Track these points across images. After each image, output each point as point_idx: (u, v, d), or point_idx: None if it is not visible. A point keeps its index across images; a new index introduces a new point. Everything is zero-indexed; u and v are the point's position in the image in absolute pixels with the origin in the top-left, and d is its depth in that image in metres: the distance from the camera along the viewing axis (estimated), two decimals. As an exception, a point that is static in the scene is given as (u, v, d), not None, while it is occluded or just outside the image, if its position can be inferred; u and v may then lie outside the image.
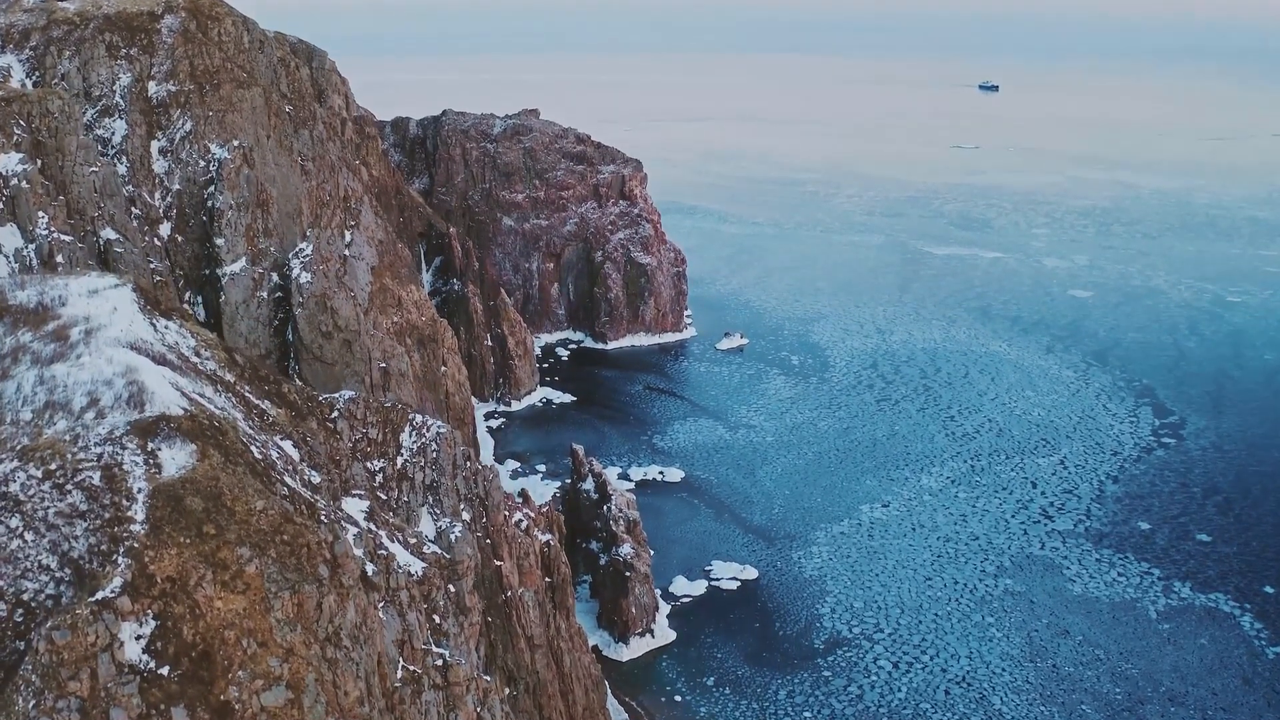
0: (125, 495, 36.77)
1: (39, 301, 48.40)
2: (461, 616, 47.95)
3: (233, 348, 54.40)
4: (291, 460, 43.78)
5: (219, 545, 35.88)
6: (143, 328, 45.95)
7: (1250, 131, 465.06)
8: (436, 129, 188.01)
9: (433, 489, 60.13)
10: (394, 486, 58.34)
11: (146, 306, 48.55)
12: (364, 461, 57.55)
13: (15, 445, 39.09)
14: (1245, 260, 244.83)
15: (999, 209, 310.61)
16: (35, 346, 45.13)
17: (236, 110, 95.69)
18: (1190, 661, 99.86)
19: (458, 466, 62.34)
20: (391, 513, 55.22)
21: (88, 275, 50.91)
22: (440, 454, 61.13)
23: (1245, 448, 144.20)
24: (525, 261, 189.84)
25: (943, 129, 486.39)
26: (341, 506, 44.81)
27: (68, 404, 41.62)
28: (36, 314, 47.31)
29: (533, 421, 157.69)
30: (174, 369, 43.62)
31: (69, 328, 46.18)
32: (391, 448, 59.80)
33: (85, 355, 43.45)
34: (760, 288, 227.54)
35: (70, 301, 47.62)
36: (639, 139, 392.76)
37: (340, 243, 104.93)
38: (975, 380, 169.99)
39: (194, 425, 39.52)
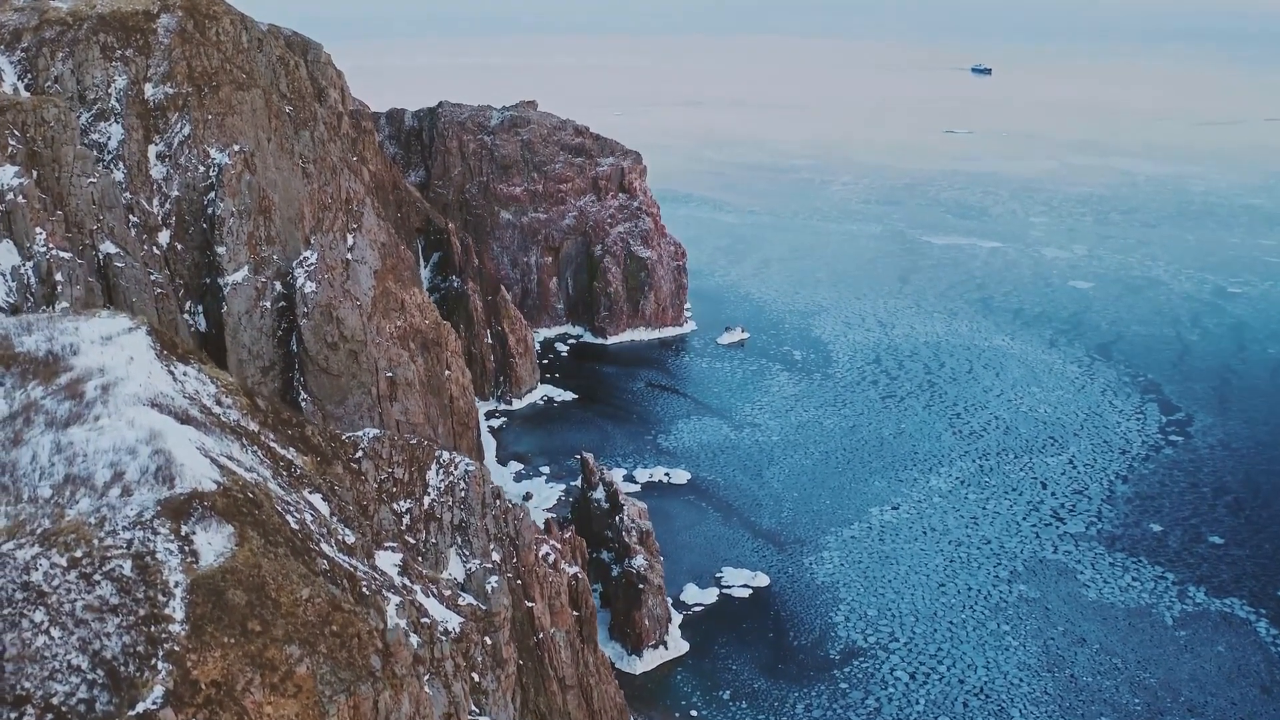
0: (161, 589, 34.15)
1: (49, 350, 45.78)
2: (498, 669, 46.42)
3: (256, 391, 52.33)
4: (324, 520, 41.87)
5: (266, 644, 33.70)
6: (162, 379, 43.64)
7: (1243, 116, 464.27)
8: (433, 121, 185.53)
9: (461, 529, 58.42)
10: (421, 528, 56.60)
11: (163, 352, 46.25)
12: (390, 503, 55.75)
13: (36, 529, 36.40)
14: (1244, 250, 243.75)
15: (995, 197, 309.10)
16: (48, 405, 42.43)
17: (236, 113, 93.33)
18: (1208, 670, 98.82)
19: (487, 505, 60.63)
20: (420, 557, 53.51)
21: (98, 317, 48.33)
22: (469, 493, 59.40)
23: (1253, 446, 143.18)
24: (524, 255, 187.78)
25: (935, 113, 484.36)
26: (376, 563, 43.06)
27: (89, 478, 38.90)
28: (47, 364, 44.73)
29: (534, 420, 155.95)
30: (198, 426, 41.43)
31: (83, 382, 43.57)
32: (418, 487, 58.01)
33: (104, 417, 41.01)
34: (759, 279, 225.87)
35: (82, 350, 45.08)
36: (632, 125, 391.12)
37: (342, 247, 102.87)
38: (980, 376, 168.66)
39: (229, 502, 37.18)
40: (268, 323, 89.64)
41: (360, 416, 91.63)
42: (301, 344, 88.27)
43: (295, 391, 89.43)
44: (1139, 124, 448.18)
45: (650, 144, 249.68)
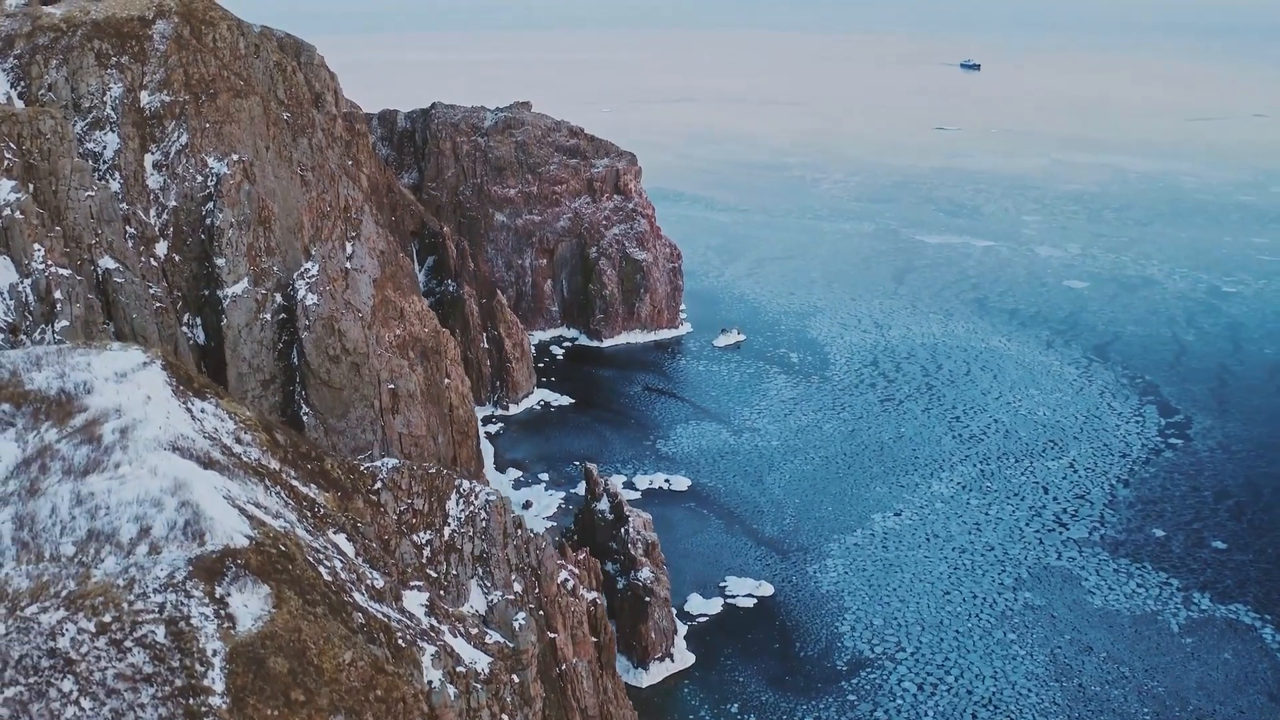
0: (198, 657, 32.62)
1: (61, 388, 44.02)
2: (526, 708, 45.60)
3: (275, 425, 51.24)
4: (352, 564, 40.85)
5: (311, 714, 32.39)
6: (180, 419, 42.35)
7: (1232, 112, 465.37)
8: (425, 122, 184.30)
9: (483, 560, 57.48)
10: (442, 560, 55.64)
11: (180, 388, 44.97)
12: (410, 534, 54.77)
13: (61, 591, 34.57)
14: (1238, 248, 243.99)
15: (988, 195, 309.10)
16: (65, 450, 40.63)
17: (234, 121, 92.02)
18: (1215, 678, 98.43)
19: (508, 535, 59.68)
20: (442, 591, 52.54)
21: (109, 349, 46.78)
22: (490, 523, 58.45)
23: (1253, 449, 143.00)
24: (518, 258, 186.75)
25: (925, 110, 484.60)
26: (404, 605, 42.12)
27: (114, 534, 37.14)
28: (60, 404, 43.04)
29: (531, 426, 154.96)
30: (222, 470, 40.28)
31: (99, 423, 41.83)
32: (438, 517, 57.05)
33: (125, 464, 39.50)
34: (753, 280, 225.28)
35: (96, 388, 43.63)
36: (622, 121, 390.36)
37: (341, 256, 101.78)
38: (978, 378, 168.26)
39: (262, 559, 35.82)
40: (268, 335, 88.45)
41: (363, 430, 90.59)
42: (303, 357, 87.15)
43: (296, 405, 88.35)
44: (1129, 120, 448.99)
45: (640, 141, 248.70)
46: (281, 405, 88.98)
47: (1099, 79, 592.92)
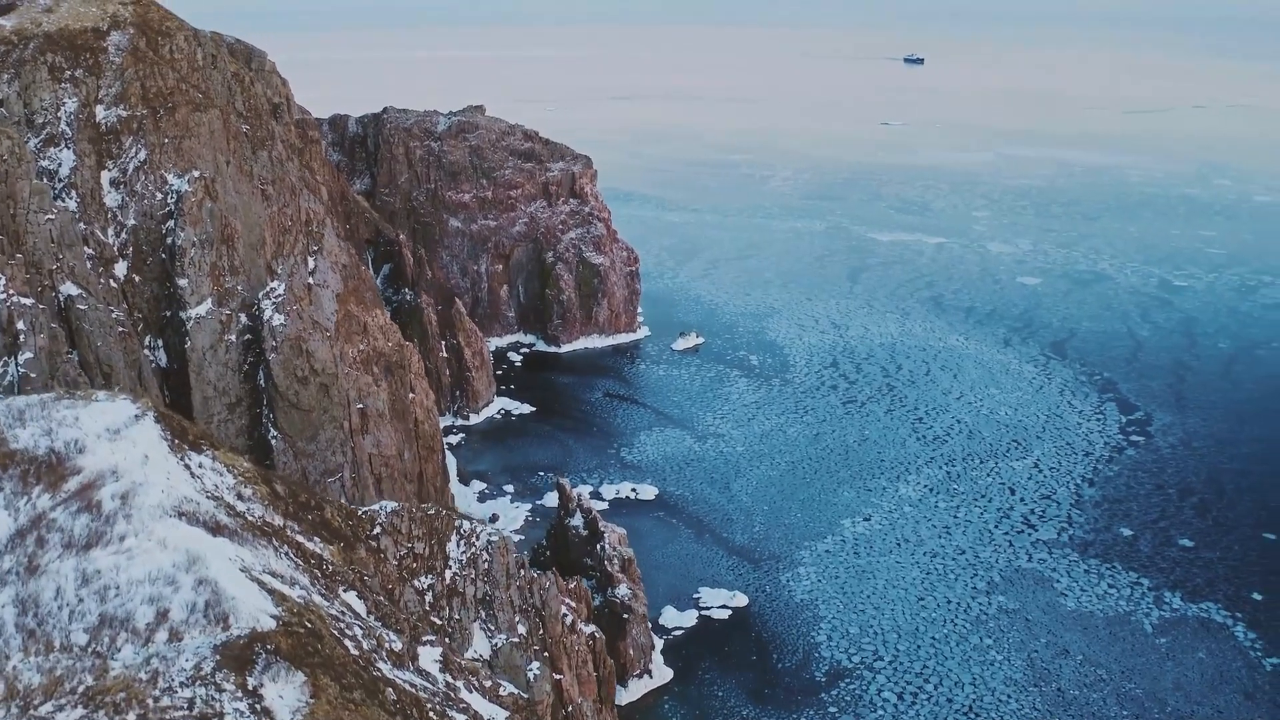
0: None
1: (50, 447, 40.94)
2: (539, 758, 44.21)
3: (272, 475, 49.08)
4: (369, 626, 38.95)
5: None
6: (181, 479, 39.81)
7: (1172, 104, 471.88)
8: (377, 127, 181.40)
9: (486, 603, 55.69)
10: (444, 604, 53.78)
11: (175, 442, 42.52)
12: (411, 580, 52.85)
13: (78, 686, 31.41)
14: (1186, 241, 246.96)
15: (936, 190, 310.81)
16: (62, 520, 37.67)
17: (194, 135, 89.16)
18: (1191, 678, 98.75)
19: (511, 576, 57.95)
20: (447, 638, 50.75)
21: (96, 400, 43.86)
22: (493, 564, 56.69)
23: (1213, 444, 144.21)
24: (474, 264, 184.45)
25: (870, 105, 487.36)
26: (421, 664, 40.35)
27: (129, 619, 34.11)
28: (50, 466, 39.87)
29: (493, 436, 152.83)
30: (231, 535, 37.98)
31: (96, 488, 38.84)
32: (439, 561, 55.15)
33: (130, 536, 36.78)
34: (708, 281, 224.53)
35: (89, 447, 40.62)
36: (567, 120, 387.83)
37: (304, 271, 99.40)
38: (938, 378, 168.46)
39: (293, 642, 33.23)
40: (233, 357, 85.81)
41: (332, 452, 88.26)
42: (270, 379, 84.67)
43: (264, 428, 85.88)
44: (1070, 113, 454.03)
45: (587, 140, 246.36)
46: (248, 428, 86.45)
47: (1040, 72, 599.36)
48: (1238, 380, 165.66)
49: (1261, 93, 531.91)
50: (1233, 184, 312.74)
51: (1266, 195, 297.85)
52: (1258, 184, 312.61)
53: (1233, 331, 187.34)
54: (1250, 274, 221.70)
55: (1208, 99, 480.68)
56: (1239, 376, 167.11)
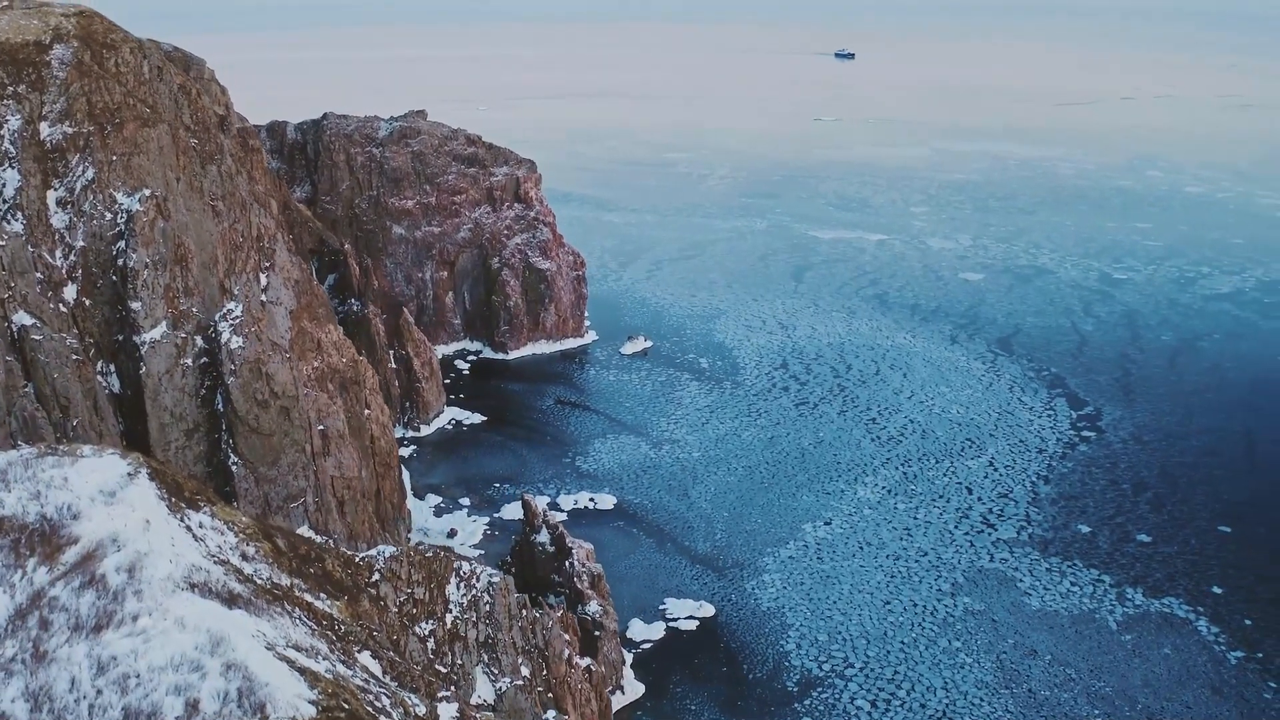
0: None
1: (40, 513, 37.50)
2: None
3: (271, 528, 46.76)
4: (393, 692, 36.98)
5: None
6: (186, 545, 36.94)
7: (1100, 96, 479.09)
8: (317, 134, 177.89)
9: (488, 646, 53.92)
10: (447, 650, 51.84)
11: (173, 501, 39.88)
12: (412, 626, 50.86)
13: None
14: (1123, 234, 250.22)
15: (874, 186, 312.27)
16: (65, 599, 34.40)
17: (142, 152, 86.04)
18: (1159, 674, 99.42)
19: (513, 617, 56.20)
20: (454, 687, 48.86)
21: (83, 456, 40.58)
22: (494, 606, 54.90)
23: (1163, 438, 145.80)
24: (418, 271, 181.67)
25: (803, 101, 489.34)
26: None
27: (156, 713, 30.91)
28: (43, 535, 36.53)
29: (445, 447, 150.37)
30: (246, 605, 35.42)
31: (97, 559, 35.60)
32: (439, 605, 53.19)
33: (144, 615, 33.62)
34: (653, 282, 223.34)
35: (83, 512, 37.36)
36: (499, 121, 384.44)
37: (257, 289, 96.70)
38: (888, 377, 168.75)
39: None
40: (190, 382, 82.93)
41: (294, 476, 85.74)
42: (229, 404, 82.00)
43: (223, 454, 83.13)
44: (1000, 106, 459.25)
45: (521, 141, 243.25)
46: (207, 455, 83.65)
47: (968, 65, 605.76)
48: (1183, 372, 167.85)
49: (1183, 83, 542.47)
50: (1164, 175, 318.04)
51: (1197, 186, 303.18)
52: (1188, 175, 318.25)
53: (1175, 324, 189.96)
54: (1188, 265, 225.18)
55: (1134, 90, 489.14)
56: (1184, 369, 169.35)
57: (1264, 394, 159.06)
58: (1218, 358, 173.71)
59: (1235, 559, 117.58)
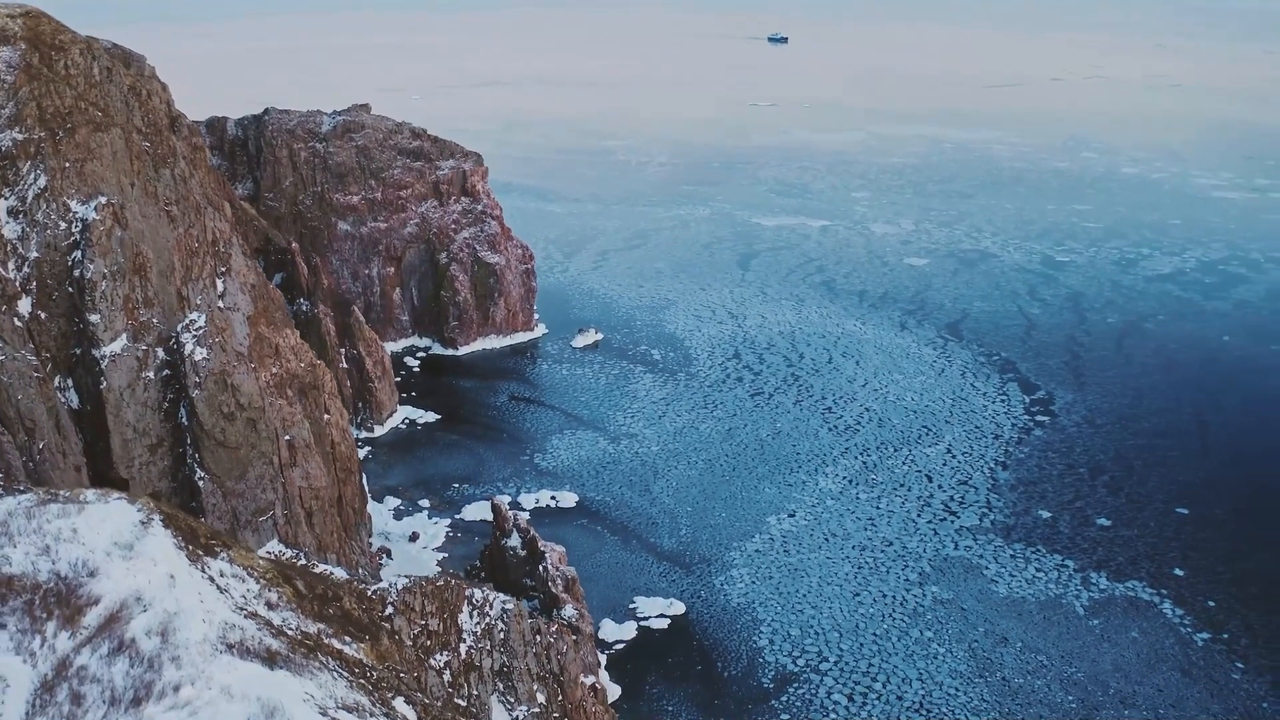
0: None
1: (53, 571, 34.00)
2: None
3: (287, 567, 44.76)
4: None
5: None
6: (214, 600, 34.02)
7: (1028, 78, 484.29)
8: (259, 129, 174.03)
9: (504, 674, 52.52)
10: (463, 681, 50.32)
11: (190, 549, 37.21)
12: (427, 659, 49.23)
13: None
14: (1062, 216, 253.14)
15: (813, 172, 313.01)
16: (95, 668, 31.07)
17: (96, 158, 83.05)
18: (1128, 658, 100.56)
19: (527, 643, 54.84)
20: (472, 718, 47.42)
21: (87, 502, 36.26)
22: (509, 634, 53.47)
23: (1116, 421, 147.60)
24: (364, 268, 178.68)
25: (738, 86, 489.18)
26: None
27: None
28: (60, 595, 33.08)
29: (400, 448, 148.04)
30: (287, 664, 32.83)
31: (123, 621, 32.23)
32: (453, 635, 51.58)
33: (186, 685, 30.53)
34: (600, 273, 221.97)
35: (100, 569, 33.96)
36: (433, 110, 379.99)
37: (213, 295, 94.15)
38: (841, 365, 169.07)
39: None
40: (152, 395, 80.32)
41: (262, 489, 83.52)
42: (194, 417, 79.56)
43: (189, 469, 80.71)
44: (932, 89, 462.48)
45: (456, 130, 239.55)
46: (171, 470, 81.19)
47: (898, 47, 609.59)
48: (1130, 355, 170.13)
49: (1111, 64, 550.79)
50: (1099, 157, 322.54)
51: (1132, 167, 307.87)
52: (1123, 156, 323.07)
53: (1119, 306, 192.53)
54: (1129, 246, 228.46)
55: (1063, 72, 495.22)
56: (1131, 351, 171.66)
57: (1211, 375, 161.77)
58: (1164, 339, 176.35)
59: (1194, 541, 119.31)
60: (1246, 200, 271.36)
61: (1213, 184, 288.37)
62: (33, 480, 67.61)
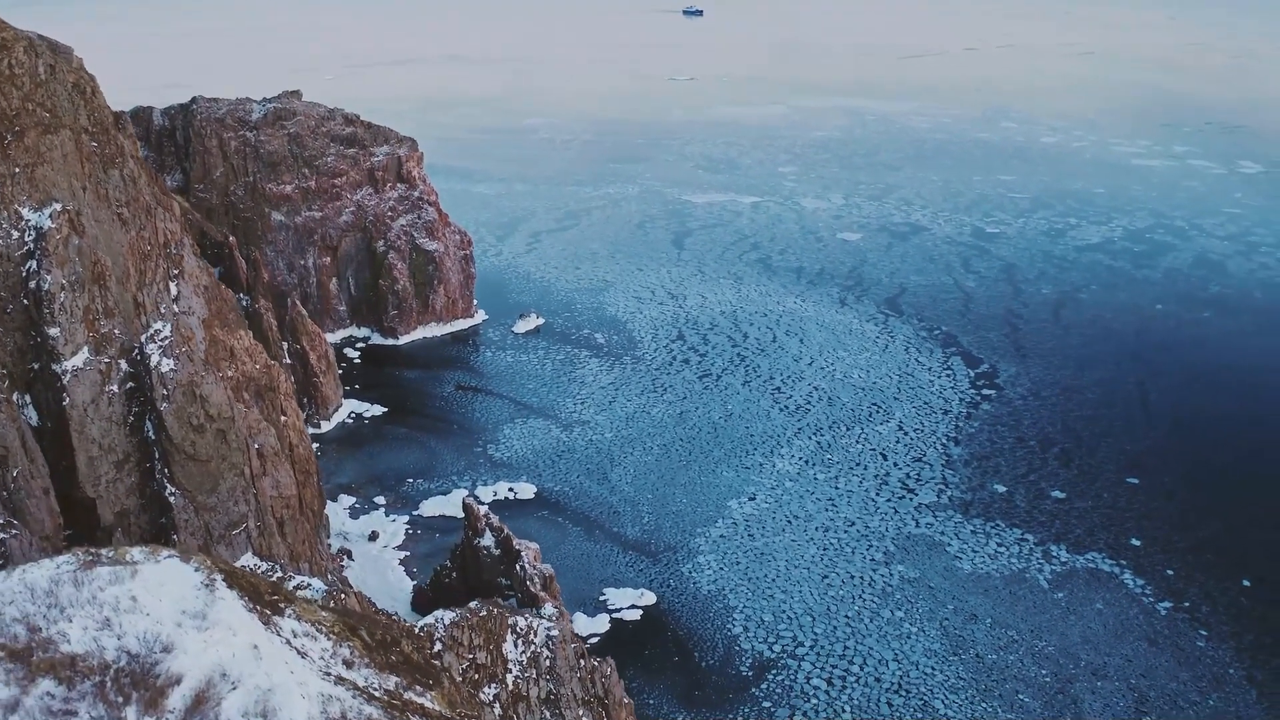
0: None
1: (121, 648, 30.25)
2: None
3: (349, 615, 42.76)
4: None
5: None
6: (304, 670, 31.31)
7: (943, 47, 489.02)
8: (186, 119, 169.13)
9: (551, 702, 51.31)
10: (512, 713, 48.93)
11: (259, 610, 34.49)
12: (476, 692, 47.77)
13: None
14: (988, 187, 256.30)
15: (739, 147, 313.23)
16: None
17: (46, 161, 79.47)
18: (1095, 629, 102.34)
19: (573, 669, 53.66)
20: None
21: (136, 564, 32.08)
22: (555, 660, 52.26)
23: (1060, 392, 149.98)
24: (300, 258, 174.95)
25: (655, 60, 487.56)
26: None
27: None
28: (134, 677, 29.58)
29: (349, 444, 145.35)
30: None
31: (214, 703, 28.86)
32: (499, 666, 50.12)
33: None
34: (534, 256, 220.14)
35: (175, 642, 30.55)
36: (348, 91, 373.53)
37: (168, 299, 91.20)
38: (785, 344, 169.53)
39: None
40: (117, 410, 77.38)
41: (234, 502, 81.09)
42: (163, 430, 76.84)
43: (158, 485, 78.09)
44: (848, 61, 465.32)
45: (374, 112, 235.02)
46: (139, 487, 78.40)
47: (812, 18, 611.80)
48: (1068, 325, 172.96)
49: (1023, 33, 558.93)
50: (1019, 126, 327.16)
51: (1052, 137, 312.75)
52: (1041, 126, 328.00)
53: (1052, 276, 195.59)
54: (1056, 217, 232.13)
55: (977, 41, 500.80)
56: (1068, 321, 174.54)
57: (1148, 344, 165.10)
58: (1099, 309, 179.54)
59: (1147, 510, 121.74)
60: (1167, 168, 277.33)
61: (1132, 152, 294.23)
62: (9, 511, 64.90)
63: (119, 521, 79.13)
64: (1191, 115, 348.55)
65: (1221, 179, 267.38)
